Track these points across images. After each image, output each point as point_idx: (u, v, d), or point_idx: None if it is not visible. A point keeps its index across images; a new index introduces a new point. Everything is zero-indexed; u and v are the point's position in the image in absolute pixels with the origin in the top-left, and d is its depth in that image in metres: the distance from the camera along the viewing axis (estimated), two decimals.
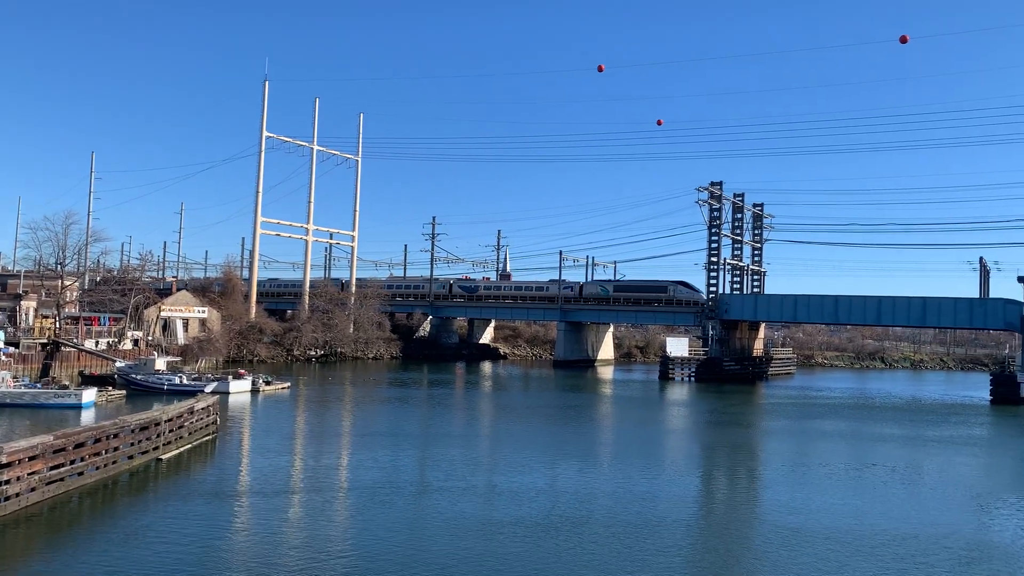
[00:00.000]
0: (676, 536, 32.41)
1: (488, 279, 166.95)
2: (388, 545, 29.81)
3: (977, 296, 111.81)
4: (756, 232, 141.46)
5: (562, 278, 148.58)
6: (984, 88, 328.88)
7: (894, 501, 39.96)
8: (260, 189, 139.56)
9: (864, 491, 42.39)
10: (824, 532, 33.21)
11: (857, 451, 57.21)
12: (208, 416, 51.74)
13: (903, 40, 75.03)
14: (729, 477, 47.66)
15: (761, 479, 46.47)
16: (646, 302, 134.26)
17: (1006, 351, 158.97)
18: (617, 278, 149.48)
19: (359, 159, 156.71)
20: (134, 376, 78.46)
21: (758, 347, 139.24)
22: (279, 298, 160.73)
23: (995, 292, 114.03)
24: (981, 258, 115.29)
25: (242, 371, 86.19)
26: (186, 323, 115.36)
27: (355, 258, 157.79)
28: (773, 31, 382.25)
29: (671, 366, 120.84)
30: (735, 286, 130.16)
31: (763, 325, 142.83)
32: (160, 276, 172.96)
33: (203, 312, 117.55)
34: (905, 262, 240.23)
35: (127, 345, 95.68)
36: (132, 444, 41.53)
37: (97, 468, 38.00)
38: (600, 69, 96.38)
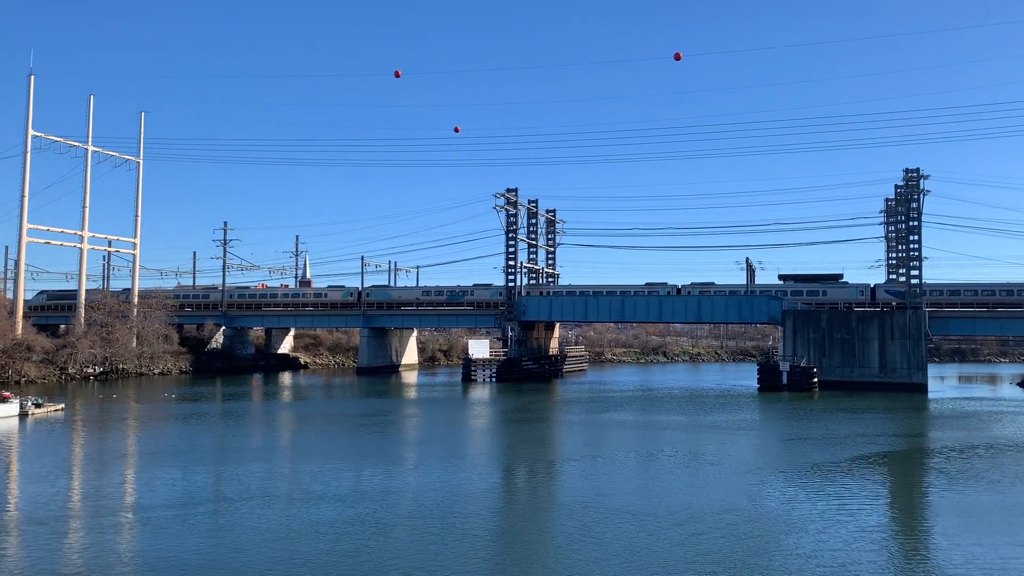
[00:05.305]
0: (491, 522, 33.41)
1: (286, 286, 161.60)
2: (185, 557, 28.30)
3: (744, 294, 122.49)
4: (550, 236, 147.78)
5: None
6: (755, 103, 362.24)
7: (683, 481, 43.48)
8: (26, 193, 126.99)
9: (657, 474, 45.91)
10: (630, 512, 35.55)
11: (646, 438, 61.33)
12: None
13: (677, 57, 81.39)
14: (531, 468, 49.35)
15: (562, 469, 48.54)
16: None
17: (770, 342, 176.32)
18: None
19: (140, 161, 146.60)
20: None
21: (554, 347, 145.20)
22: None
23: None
24: (747, 258, 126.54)
25: (7, 393, 78.03)
26: None
27: (137, 266, 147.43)
28: (559, 46, 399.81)
29: (473, 368, 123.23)
30: (531, 289, 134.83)
31: (558, 325, 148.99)
32: None
33: None
34: (682, 263, 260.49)
35: None
36: None
37: None
38: (397, 75, 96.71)
